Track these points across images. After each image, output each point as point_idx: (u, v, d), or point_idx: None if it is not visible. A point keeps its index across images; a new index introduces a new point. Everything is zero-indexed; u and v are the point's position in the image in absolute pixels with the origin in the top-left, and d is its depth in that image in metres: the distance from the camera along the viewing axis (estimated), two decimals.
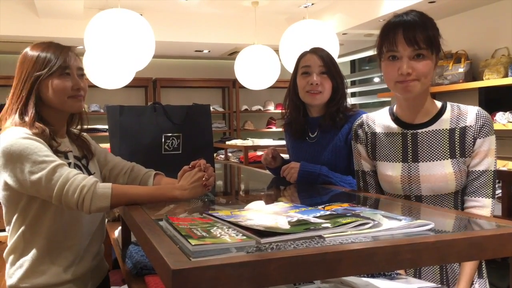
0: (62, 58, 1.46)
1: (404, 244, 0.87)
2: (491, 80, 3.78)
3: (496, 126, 3.67)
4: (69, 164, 1.48)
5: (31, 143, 1.35)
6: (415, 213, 1.30)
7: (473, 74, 4.07)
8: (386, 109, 1.61)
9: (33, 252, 1.42)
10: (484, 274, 1.49)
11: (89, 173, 1.55)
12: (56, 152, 1.43)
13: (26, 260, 1.43)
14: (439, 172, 1.44)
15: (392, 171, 1.52)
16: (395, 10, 4.30)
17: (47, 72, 1.44)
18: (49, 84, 1.45)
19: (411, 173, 1.48)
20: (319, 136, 1.94)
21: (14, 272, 1.44)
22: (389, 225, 0.97)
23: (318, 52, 1.94)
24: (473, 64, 4.09)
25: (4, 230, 3.27)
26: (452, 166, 1.44)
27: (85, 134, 1.68)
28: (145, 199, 1.38)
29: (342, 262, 0.82)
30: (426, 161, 1.47)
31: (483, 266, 1.49)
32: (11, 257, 1.46)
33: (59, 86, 1.45)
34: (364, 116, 1.66)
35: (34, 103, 1.44)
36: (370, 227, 0.95)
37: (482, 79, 3.87)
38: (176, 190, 1.42)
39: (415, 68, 1.39)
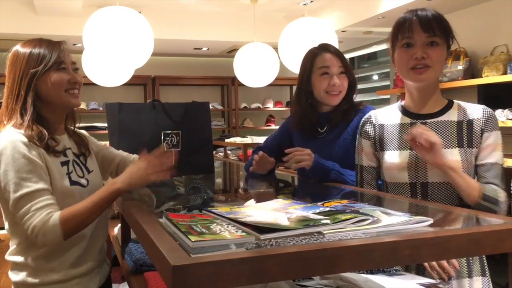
0: (56, 53, 1.46)
1: (403, 240, 0.87)
2: (490, 77, 3.78)
3: None
4: (68, 161, 1.49)
5: (15, 159, 1.34)
6: (414, 209, 1.30)
7: (472, 71, 4.07)
8: (394, 104, 1.67)
9: (37, 251, 1.42)
10: (487, 273, 1.50)
11: (88, 171, 1.56)
12: (54, 151, 1.43)
13: (32, 258, 1.43)
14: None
15: (399, 158, 1.54)
16: (393, 8, 4.30)
17: (43, 68, 1.43)
18: (46, 80, 1.44)
19: (418, 159, 1.50)
20: (328, 131, 1.94)
21: (20, 270, 1.45)
22: (388, 222, 0.97)
23: (332, 49, 1.94)
24: (472, 62, 4.09)
25: (2, 228, 3.26)
26: (460, 155, 1.46)
27: (83, 131, 1.68)
28: (94, 208, 1.36)
29: (341, 258, 0.82)
30: None
31: (485, 264, 1.50)
32: (14, 257, 1.46)
33: (56, 79, 1.45)
34: (372, 111, 1.72)
35: (33, 100, 1.43)
36: (369, 224, 0.95)
37: (481, 77, 3.87)
38: (117, 183, 1.37)
39: (429, 54, 1.45)
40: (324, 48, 1.96)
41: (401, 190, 1.54)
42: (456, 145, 1.48)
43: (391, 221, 0.97)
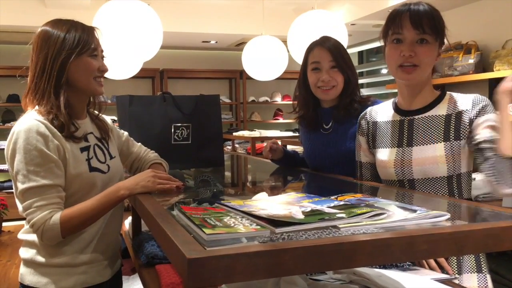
0: (92, 39, 1.46)
1: (420, 235, 0.86)
2: (502, 71, 3.73)
3: None
4: (88, 147, 1.49)
5: (27, 151, 1.35)
6: (430, 204, 1.28)
7: (483, 65, 4.03)
8: (390, 100, 1.65)
9: None
10: (484, 269, 1.44)
11: (110, 156, 1.57)
12: (72, 137, 1.43)
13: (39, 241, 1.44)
14: (430, 154, 1.45)
15: (387, 156, 1.54)
16: (403, 1, 4.26)
17: (80, 51, 1.42)
18: (79, 63, 1.43)
19: (404, 157, 1.50)
20: (334, 126, 1.92)
21: (30, 248, 1.46)
22: (404, 216, 0.96)
23: (325, 44, 1.90)
24: (484, 55, 4.04)
25: (12, 220, 3.24)
26: (445, 149, 1.44)
27: (109, 120, 1.69)
28: (96, 211, 1.38)
29: (358, 252, 0.81)
30: (420, 145, 1.48)
31: (482, 261, 1.45)
32: (26, 235, 1.47)
33: (88, 65, 1.45)
34: (369, 108, 1.71)
35: (63, 82, 1.42)
36: (385, 218, 0.94)
37: (493, 70, 3.83)
38: (122, 190, 1.40)
39: (418, 52, 1.42)
40: (318, 42, 1.93)
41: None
42: (442, 139, 1.45)
43: (407, 216, 0.96)
